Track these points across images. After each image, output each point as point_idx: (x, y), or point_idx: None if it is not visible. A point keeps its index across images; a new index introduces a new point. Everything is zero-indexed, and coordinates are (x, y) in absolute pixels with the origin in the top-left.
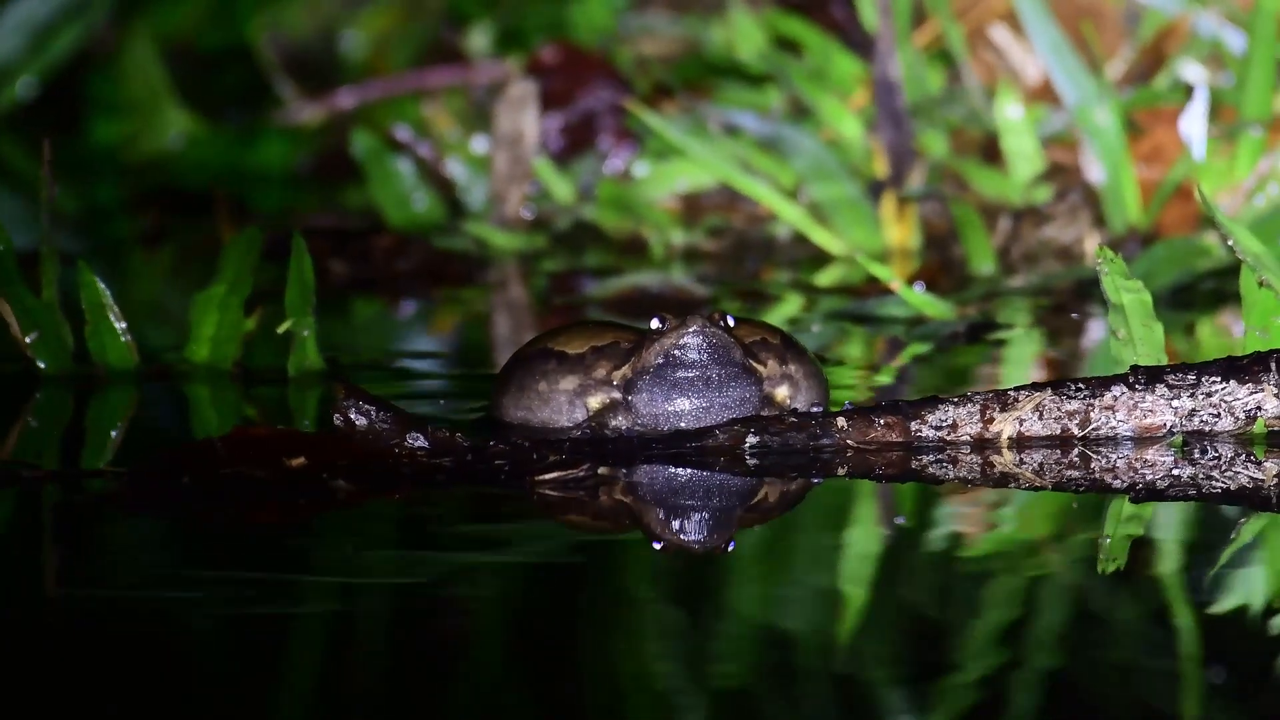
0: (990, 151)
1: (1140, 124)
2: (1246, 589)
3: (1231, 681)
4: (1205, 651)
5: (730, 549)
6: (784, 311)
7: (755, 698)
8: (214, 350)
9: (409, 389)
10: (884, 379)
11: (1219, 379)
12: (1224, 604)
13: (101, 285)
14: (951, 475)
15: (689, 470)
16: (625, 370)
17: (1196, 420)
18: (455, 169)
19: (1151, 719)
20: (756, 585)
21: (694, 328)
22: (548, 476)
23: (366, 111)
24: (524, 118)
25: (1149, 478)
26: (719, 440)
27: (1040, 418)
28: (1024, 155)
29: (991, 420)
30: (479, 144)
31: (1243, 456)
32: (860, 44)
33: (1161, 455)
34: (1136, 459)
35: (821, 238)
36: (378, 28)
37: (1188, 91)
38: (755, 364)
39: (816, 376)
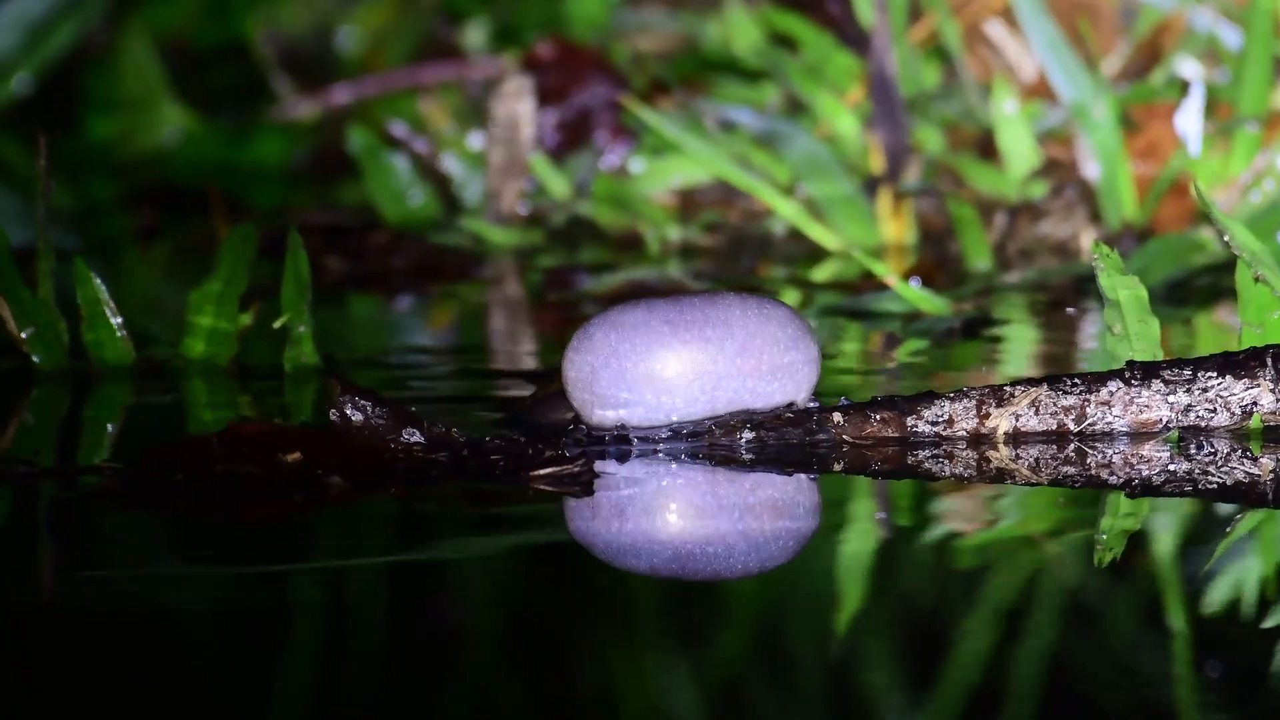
0: (986, 147)
1: (1136, 120)
2: (1242, 584)
3: (1227, 678)
4: (1200, 648)
5: (728, 545)
6: None
7: (751, 693)
8: (210, 346)
9: (405, 384)
10: (880, 374)
11: (1215, 374)
12: (1219, 600)
13: (97, 281)
14: (947, 470)
15: (684, 465)
16: None
17: (1192, 416)
18: (451, 165)
19: (1147, 716)
20: (753, 580)
21: None
22: (544, 472)
23: (362, 107)
24: (520, 114)
25: (1145, 473)
26: (715, 435)
27: (1036, 413)
28: (1020, 151)
29: (988, 416)
30: (475, 140)
31: (1239, 452)
32: (856, 40)
33: (1157, 450)
34: (1132, 454)
35: (817, 233)
36: (374, 24)
37: (1184, 87)
38: None
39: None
